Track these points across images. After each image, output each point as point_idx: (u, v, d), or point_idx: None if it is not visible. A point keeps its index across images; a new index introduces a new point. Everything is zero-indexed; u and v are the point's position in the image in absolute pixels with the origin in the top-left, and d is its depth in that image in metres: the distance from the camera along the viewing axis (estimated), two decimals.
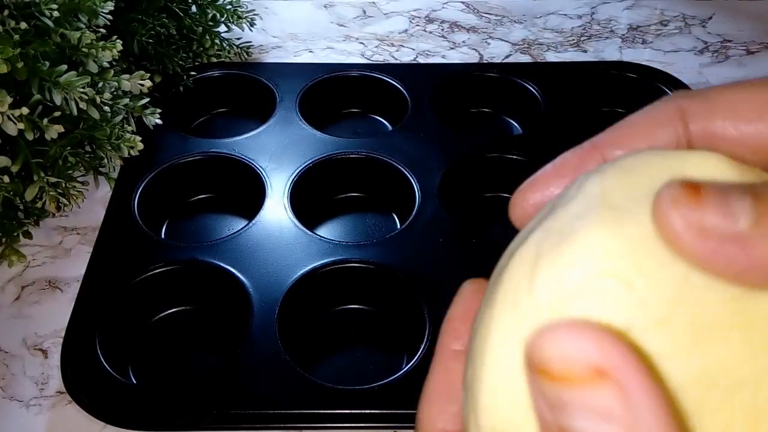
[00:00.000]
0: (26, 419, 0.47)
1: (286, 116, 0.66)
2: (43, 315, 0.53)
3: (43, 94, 0.51)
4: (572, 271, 0.16)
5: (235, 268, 0.52)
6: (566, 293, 0.15)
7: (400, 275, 0.51)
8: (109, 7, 0.56)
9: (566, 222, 0.17)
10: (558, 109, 0.66)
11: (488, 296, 0.18)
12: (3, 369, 0.50)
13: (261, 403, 0.44)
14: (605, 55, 0.80)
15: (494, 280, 0.18)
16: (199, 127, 0.70)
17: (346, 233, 0.59)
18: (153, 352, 0.51)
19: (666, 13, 0.87)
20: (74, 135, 0.54)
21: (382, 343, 0.52)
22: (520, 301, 0.16)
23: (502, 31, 0.83)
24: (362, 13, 0.87)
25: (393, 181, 0.60)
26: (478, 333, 0.18)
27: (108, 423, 0.44)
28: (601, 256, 0.15)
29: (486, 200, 0.63)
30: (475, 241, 0.54)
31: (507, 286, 0.17)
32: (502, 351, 0.16)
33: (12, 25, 0.50)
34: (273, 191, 0.58)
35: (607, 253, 0.15)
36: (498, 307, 0.17)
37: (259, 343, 0.47)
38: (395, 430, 0.46)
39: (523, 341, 0.15)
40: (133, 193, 0.57)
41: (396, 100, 0.68)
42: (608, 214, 0.16)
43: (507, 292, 0.17)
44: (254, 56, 0.78)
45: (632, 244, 0.15)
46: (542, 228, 0.17)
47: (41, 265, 0.57)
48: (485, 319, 0.17)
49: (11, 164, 0.52)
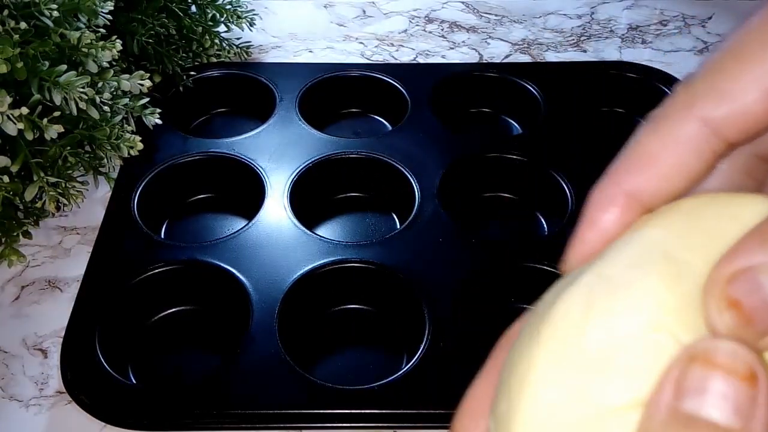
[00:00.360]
0: (26, 419, 0.47)
1: (286, 116, 0.66)
2: (43, 315, 0.53)
3: (43, 94, 0.51)
4: (626, 322, 0.16)
5: (235, 268, 0.51)
6: (617, 343, 0.16)
7: (400, 275, 0.51)
8: (108, 7, 0.56)
9: (622, 270, 0.17)
10: (558, 109, 0.66)
11: (532, 329, 0.18)
12: (3, 369, 0.50)
13: (261, 403, 0.44)
14: (605, 55, 0.80)
15: (540, 316, 0.18)
16: (199, 126, 0.70)
17: (346, 233, 0.59)
18: (153, 352, 0.51)
19: (666, 13, 0.87)
20: (74, 135, 0.54)
21: (381, 343, 0.52)
22: (568, 345, 0.16)
23: (502, 31, 0.83)
24: (362, 13, 0.87)
25: (393, 181, 0.60)
26: (518, 365, 0.17)
27: (108, 423, 0.44)
28: (655, 310, 0.16)
29: (486, 200, 0.63)
30: (474, 241, 0.54)
31: (555, 326, 0.17)
32: (543, 391, 0.16)
33: (12, 24, 0.50)
34: (273, 191, 0.58)
35: (661, 307, 0.16)
36: (543, 345, 0.17)
37: (258, 343, 0.47)
38: (395, 430, 0.46)
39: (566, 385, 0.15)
40: (133, 193, 0.57)
41: (396, 100, 0.68)
42: (666, 267, 0.16)
43: (555, 332, 0.17)
44: (254, 56, 0.78)
45: (688, 300, 0.16)
46: (595, 271, 0.17)
47: (41, 265, 0.57)
48: (526, 353, 0.17)
49: (11, 164, 0.52)
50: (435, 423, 0.44)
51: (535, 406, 0.16)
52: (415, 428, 0.45)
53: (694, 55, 0.80)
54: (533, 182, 0.61)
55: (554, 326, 0.17)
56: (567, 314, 0.17)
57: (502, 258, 0.53)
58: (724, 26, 0.84)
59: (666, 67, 0.73)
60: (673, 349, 0.15)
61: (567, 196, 0.58)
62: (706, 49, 0.81)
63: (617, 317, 0.16)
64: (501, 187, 0.63)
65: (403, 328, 0.52)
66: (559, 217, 0.57)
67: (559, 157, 0.61)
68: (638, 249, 0.17)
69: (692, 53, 0.80)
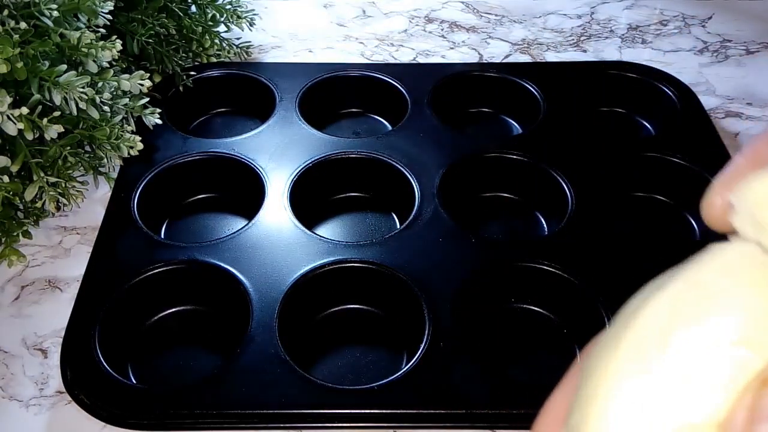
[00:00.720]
0: (26, 419, 0.47)
1: (286, 116, 0.66)
2: (43, 315, 0.53)
3: (43, 94, 0.51)
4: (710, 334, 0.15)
5: (235, 268, 0.52)
6: (700, 356, 0.15)
7: (400, 275, 0.51)
8: (108, 7, 0.56)
9: (713, 277, 0.16)
10: (557, 108, 0.66)
11: (612, 337, 0.17)
12: (2, 369, 0.50)
13: (261, 403, 0.44)
14: (605, 55, 0.80)
15: (624, 321, 0.17)
16: (199, 126, 0.70)
17: (346, 233, 0.59)
18: (153, 352, 0.51)
19: (665, 12, 0.87)
20: (74, 135, 0.54)
21: (381, 343, 0.52)
22: (648, 355, 0.16)
23: (502, 31, 0.83)
24: (362, 13, 0.87)
25: (393, 181, 0.60)
26: (593, 375, 0.17)
27: (107, 423, 0.44)
28: (742, 323, 0.15)
29: (485, 200, 0.63)
30: (474, 241, 0.54)
31: (636, 334, 0.16)
32: (616, 403, 0.16)
33: (12, 25, 0.50)
34: (273, 191, 0.58)
35: (749, 321, 0.15)
36: (622, 354, 0.16)
37: (258, 343, 0.47)
38: (395, 430, 0.46)
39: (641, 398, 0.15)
40: (133, 193, 0.57)
41: (396, 100, 0.68)
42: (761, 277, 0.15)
43: (636, 340, 0.16)
44: (254, 56, 0.78)
45: None
46: (685, 276, 0.17)
47: (41, 265, 0.57)
48: (603, 362, 0.16)
49: (11, 164, 0.52)
50: (435, 423, 0.44)
51: (606, 419, 0.16)
52: (415, 428, 0.45)
53: (694, 55, 0.80)
54: (533, 182, 0.61)
55: (636, 334, 0.16)
56: (651, 322, 0.16)
57: (502, 258, 0.53)
58: (724, 26, 0.84)
59: (666, 67, 0.73)
60: (756, 365, 0.15)
61: (566, 196, 0.58)
62: (706, 49, 0.81)
63: (702, 328, 0.15)
64: (501, 187, 0.63)
65: (403, 328, 0.52)
66: (558, 216, 0.57)
67: (559, 157, 0.61)
68: (734, 255, 0.16)
69: (692, 53, 0.80)
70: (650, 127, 0.70)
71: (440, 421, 0.44)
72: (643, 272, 0.56)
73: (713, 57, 0.80)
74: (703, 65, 0.79)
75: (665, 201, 0.62)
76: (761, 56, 0.80)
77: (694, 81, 0.75)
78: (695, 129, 0.65)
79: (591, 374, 0.17)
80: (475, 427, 0.45)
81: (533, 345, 0.52)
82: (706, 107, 0.67)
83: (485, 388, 0.45)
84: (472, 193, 0.62)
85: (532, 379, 0.49)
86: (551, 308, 0.53)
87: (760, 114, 0.72)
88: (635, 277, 0.48)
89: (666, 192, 0.62)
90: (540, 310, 0.53)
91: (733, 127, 0.71)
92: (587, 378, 0.17)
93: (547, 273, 0.52)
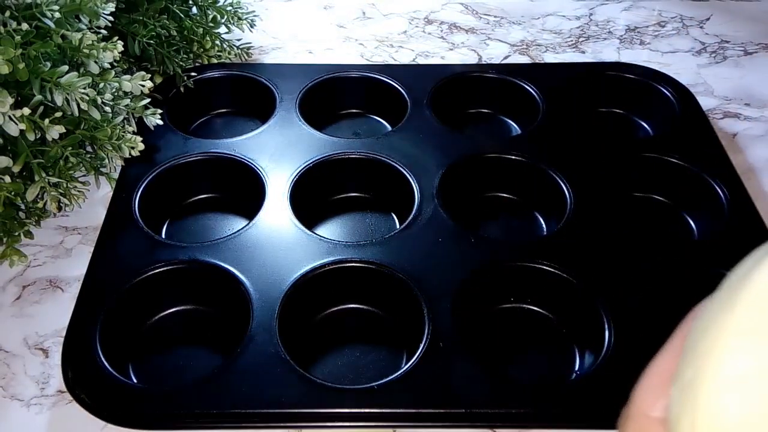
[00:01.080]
0: (27, 418, 0.47)
1: (286, 117, 0.66)
2: (44, 314, 0.53)
3: (45, 95, 0.51)
4: None
5: (235, 268, 0.52)
6: None
7: (400, 275, 0.52)
8: (110, 8, 0.56)
9: None
10: (556, 109, 0.67)
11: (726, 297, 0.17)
12: (4, 368, 0.50)
13: (261, 403, 0.45)
14: (603, 56, 0.80)
15: (735, 284, 0.17)
16: (200, 127, 0.70)
17: (346, 233, 0.60)
18: (153, 351, 0.51)
19: (664, 14, 0.87)
20: (75, 135, 0.54)
21: (381, 342, 0.52)
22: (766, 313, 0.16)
23: (501, 32, 0.84)
24: (362, 15, 0.87)
25: (392, 181, 0.60)
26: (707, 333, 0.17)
27: (108, 422, 0.44)
28: None
29: (485, 200, 0.63)
30: (474, 241, 0.54)
31: (753, 293, 0.16)
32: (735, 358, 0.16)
33: (14, 26, 0.50)
34: (273, 191, 0.58)
35: None
36: (738, 312, 0.16)
37: (259, 343, 0.47)
38: (395, 430, 0.46)
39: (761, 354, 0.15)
40: (134, 193, 0.58)
41: (395, 101, 0.68)
42: None
43: (753, 298, 0.16)
44: (254, 57, 0.78)
45: None
46: None
47: (42, 265, 0.57)
48: (719, 321, 0.16)
49: (12, 164, 0.52)
50: (434, 422, 0.45)
51: (725, 372, 0.16)
52: (414, 427, 0.45)
53: (692, 55, 0.80)
54: (532, 182, 0.61)
55: (753, 293, 0.16)
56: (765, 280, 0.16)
57: (501, 258, 0.54)
58: (722, 27, 0.84)
59: (664, 68, 0.73)
60: None
61: (565, 196, 0.58)
62: (704, 50, 0.81)
63: None
64: (500, 187, 0.63)
65: (403, 327, 0.52)
66: (557, 217, 0.58)
67: (558, 158, 0.61)
68: None
69: (690, 54, 0.81)
70: (648, 127, 0.70)
71: (440, 421, 0.44)
72: (642, 272, 0.56)
73: (711, 58, 0.80)
74: (701, 66, 0.79)
75: (663, 201, 0.63)
76: (759, 57, 0.80)
77: (692, 82, 0.76)
78: (693, 129, 0.65)
79: (705, 333, 0.17)
80: (475, 426, 0.45)
81: (532, 345, 0.52)
82: (704, 108, 0.67)
83: (484, 388, 0.45)
84: (472, 194, 0.62)
85: (531, 379, 0.50)
86: (550, 308, 0.53)
87: (758, 114, 0.73)
88: (634, 276, 0.49)
89: (664, 192, 0.62)
90: (539, 309, 0.54)
91: (731, 128, 0.71)
92: (701, 336, 0.17)
93: (546, 273, 0.52)
